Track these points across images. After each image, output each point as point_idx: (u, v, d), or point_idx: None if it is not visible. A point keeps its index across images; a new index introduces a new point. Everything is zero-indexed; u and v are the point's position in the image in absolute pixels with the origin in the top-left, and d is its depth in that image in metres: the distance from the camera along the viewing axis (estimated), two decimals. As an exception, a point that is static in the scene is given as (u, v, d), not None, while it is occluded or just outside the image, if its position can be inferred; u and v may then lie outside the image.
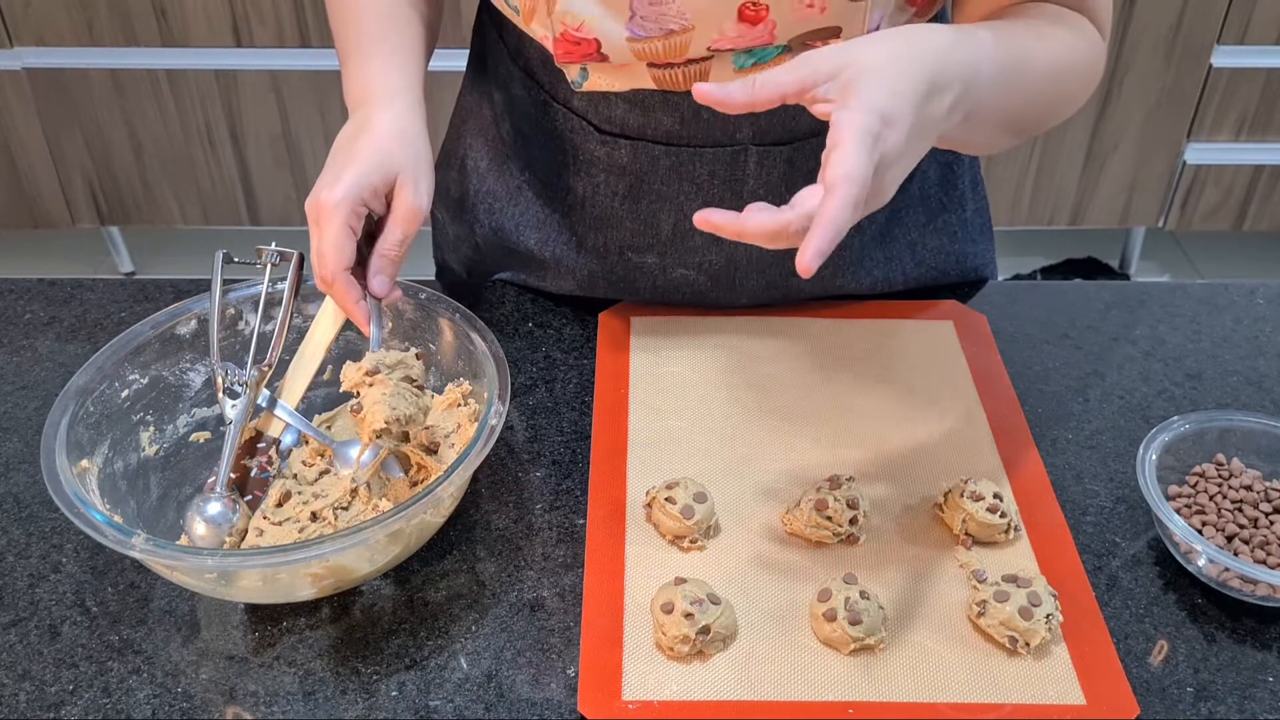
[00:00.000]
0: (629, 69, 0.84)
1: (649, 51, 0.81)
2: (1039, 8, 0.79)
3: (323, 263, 0.76)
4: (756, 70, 0.83)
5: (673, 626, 0.69)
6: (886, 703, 0.68)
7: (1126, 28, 2.13)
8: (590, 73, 0.85)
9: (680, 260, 0.95)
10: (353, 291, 0.77)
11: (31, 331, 0.97)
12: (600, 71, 0.85)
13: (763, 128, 0.88)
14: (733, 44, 0.80)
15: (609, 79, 0.85)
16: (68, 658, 0.71)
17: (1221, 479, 0.80)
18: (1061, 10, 0.79)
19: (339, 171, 0.77)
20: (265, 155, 2.29)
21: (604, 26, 0.80)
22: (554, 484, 0.83)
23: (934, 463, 0.84)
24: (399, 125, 0.80)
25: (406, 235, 0.79)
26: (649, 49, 0.81)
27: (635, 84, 0.85)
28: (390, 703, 0.69)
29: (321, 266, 0.76)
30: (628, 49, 0.81)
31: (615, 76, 0.85)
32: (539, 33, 0.84)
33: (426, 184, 0.80)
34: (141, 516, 0.77)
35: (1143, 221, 2.39)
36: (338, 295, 0.77)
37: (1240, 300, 1.02)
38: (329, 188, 0.76)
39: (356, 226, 0.77)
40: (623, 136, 0.90)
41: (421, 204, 0.79)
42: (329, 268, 0.76)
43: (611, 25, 0.80)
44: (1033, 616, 0.69)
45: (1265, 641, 0.73)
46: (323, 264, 0.76)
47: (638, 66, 0.83)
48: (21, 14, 2.12)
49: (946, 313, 0.99)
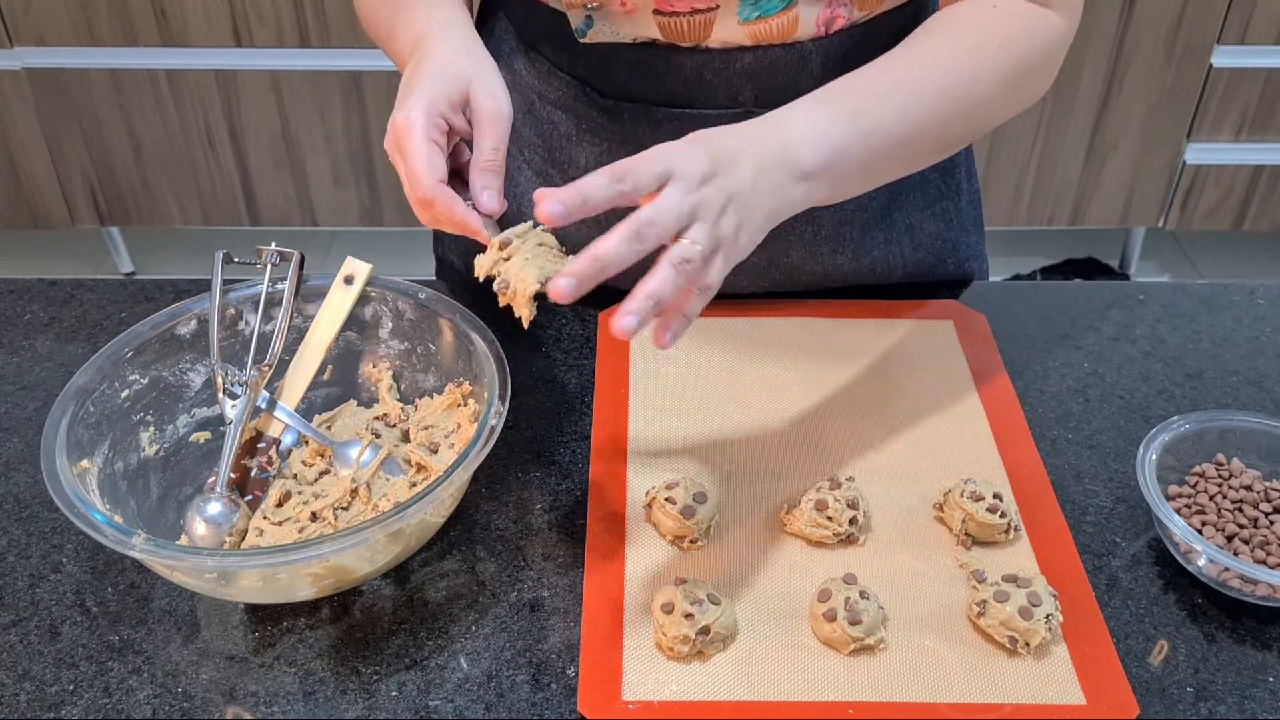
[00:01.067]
0: (635, 15, 0.84)
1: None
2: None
3: (415, 182, 0.71)
4: (760, 24, 0.84)
5: (673, 627, 0.69)
6: (886, 703, 0.67)
7: (1127, 27, 2.12)
8: (595, 20, 0.85)
9: None
10: (456, 203, 0.71)
11: (31, 332, 0.97)
12: (605, 18, 0.85)
13: (764, 89, 0.88)
14: None
15: (614, 26, 0.85)
16: (68, 658, 0.71)
17: (1221, 479, 0.80)
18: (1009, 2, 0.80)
19: (405, 95, 0.73)
20: (265, 155, 2.29)
21: None
22: (554, 484, 0.83)
23: (934, 463, 0.84)
24: (458, 43, 0.77)
25: (499, 140, 0.74)
26: None
27: (640, 32, 0.85)
28: (390, 703, 0.69)
29: (414, 187, 0.71)
30: None
31: (620, 23, 0.85)
32: None
33: (501, 87, 0.75)
34: (141, 516, 0.77)
35: (1143, 221, 2.39)
36: (440, 210, 0.71)
37: (1240, 300, 1.02)
38: (400, 110, 0.72)
39: (440, 141, 0.73)
40: (625, 99, 0.90)
41: (503, 106, 0.74)
42: (422, 184, 0.70)
43: None
44: (1033, 616, 0.69)
45: (1265, 641, 0.73)
46: (415, 183, 0.71)
47: (643, 12, 0.83)
48: (21, 14, 2.12)
49: (946, 313, 0.99)
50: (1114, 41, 2.14)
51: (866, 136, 0.74)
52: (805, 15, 0.85)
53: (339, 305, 0.83)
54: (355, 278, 0.83)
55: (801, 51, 0.87)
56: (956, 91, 0.78)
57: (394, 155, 0.74)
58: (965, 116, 0.80)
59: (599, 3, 0.83)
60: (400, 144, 0.72)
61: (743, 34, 0.85)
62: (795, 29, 0.85)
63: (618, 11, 0.84)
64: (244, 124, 2.25)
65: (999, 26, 0.80)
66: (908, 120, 0.76)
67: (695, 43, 0.86)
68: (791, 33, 0.86)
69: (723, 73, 0.87)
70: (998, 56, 0.79)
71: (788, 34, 0.86)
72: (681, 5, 0.83)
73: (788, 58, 0.87)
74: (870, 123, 0.74)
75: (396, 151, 0.73)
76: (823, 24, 0.86)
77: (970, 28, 0.79)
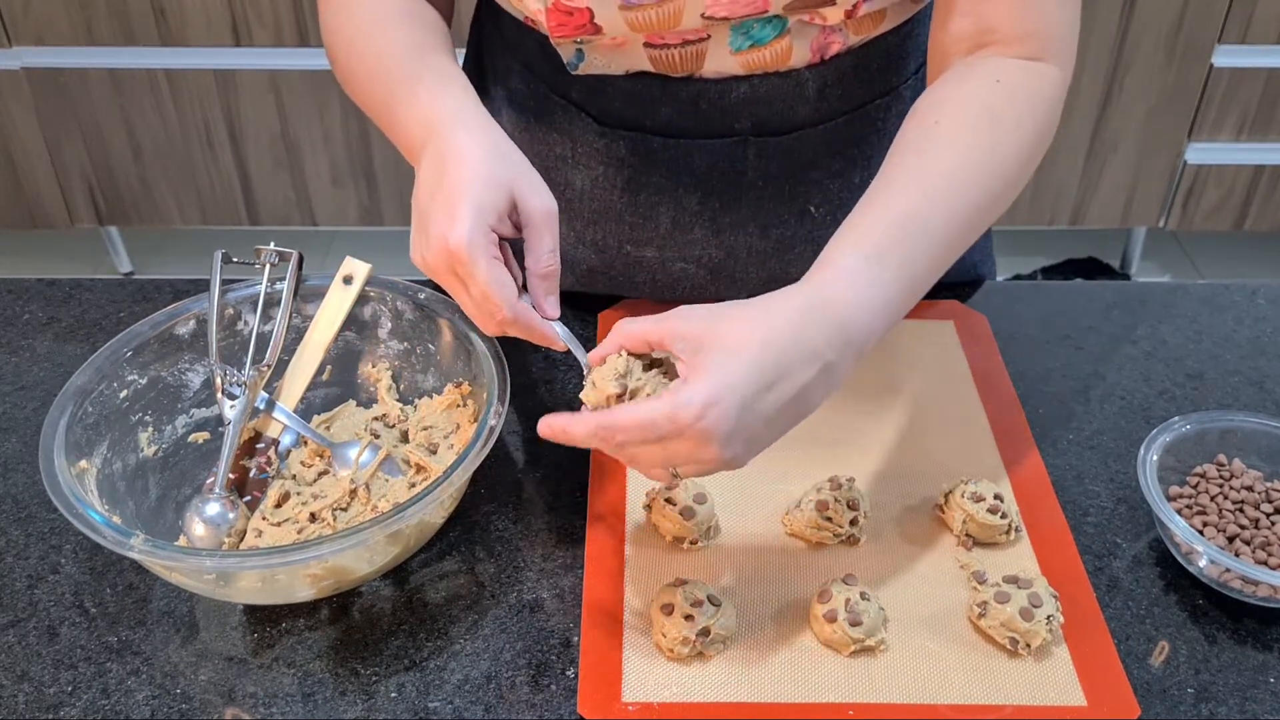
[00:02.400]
0: (625, 49, 0.83)
1: (642, 21, 0.80)
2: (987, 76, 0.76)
3: (490, 306, 0.68)
4: (753, 53, 0.83)
5: (673, 628, 0.69)
6: (887, 704, 0.67)
7: (1127, 27, 2.12)
8: (586, 54, 0.84)
9: (679, 254, 0.95)
10: (535, 318, 0.70)
11: (30, 332, 0.97)
12: (596, 51, 0.84)
13: (761, 118, 0.88)
14: (727, 10, 0.79)
15: (605, 59, 0.85)
16: (66, 659, 0.71)
17: (1223, 480, 0.80)
18: (1008, 69, 0.76)
19: (450, 209, 0.68)
20: (264, 155, 2.29)
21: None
22: (554, 485, 0.83)
23: (934, 463, 0.84)
24: (485, 141, 0.71)
25: (554, 241, 0.71)
26: (642, 18, 0.80)
27: (631, 65, 0.84)
28: (389, 704, 0.68)
29: (492, 309, 0.68)
30: (620, 18, 0.80)
31: (611, 57, 0.84)
32: (532, 7, 0.82)
33: (541, 182, 0.72)
34: (140, 517, 0.77)
35: (1144, 221, 2.39)
36: (523, 330, 0.70)
37: (1241, 300, 1.02)
38: (449, 229, 0.67)
39: (499, 255, 0.69)
40: (621, 128, 0.90)
41: (551, 204, 0.71)
42: (504, 308, 0.68)
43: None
44: (1033, 617, 0.69)
45: (1266, 642, 0.73)
46: (491, 307, 0.68)
47: (634, 45, 0.83)
48: (20, 14, 2.12)
49: (946, 313, 0.98)
50: (1115, 41, 2.14)
51: (913, 283, 0.69)
52: (798, 43, 0.84)
53: (338, 305, 0.83)
54: (354, 277, 0.83)
55: (798, 79, 0.86)
56: (987, 203, 0.73)
57: (446, 277, 0.70)
58: (995, 209, 0.75)
59: (588, 38, 0.82)
60: (462, 270, 0.68)
61: (735, 64, 0.84)
62: (789, 57, 0.85)
63: (608, 45, 0.83)
64: (243, 124, 2.25)
65: (1007, 111, 0.75)
66: (948, 247, 0.71)
67: (688, 73, 0.85)
68: (785, 60, 0.85)
69: (718, 102, 0.87)
70: (1016, 141, 0.75)
71: (782, 62, 0.85)
72: (672, 38, 0.82)
73: (784, 86, 0.86)
74: (915, 269, 0.69)
75: (451, 274, 0.69)
76: (817, 51, 0.85)
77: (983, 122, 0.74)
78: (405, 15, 0.82)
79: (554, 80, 0.90)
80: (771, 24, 0.82)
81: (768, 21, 0.82)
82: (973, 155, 0.72)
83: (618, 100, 0.88)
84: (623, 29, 0.81)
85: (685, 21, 0.80)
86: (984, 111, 0.74)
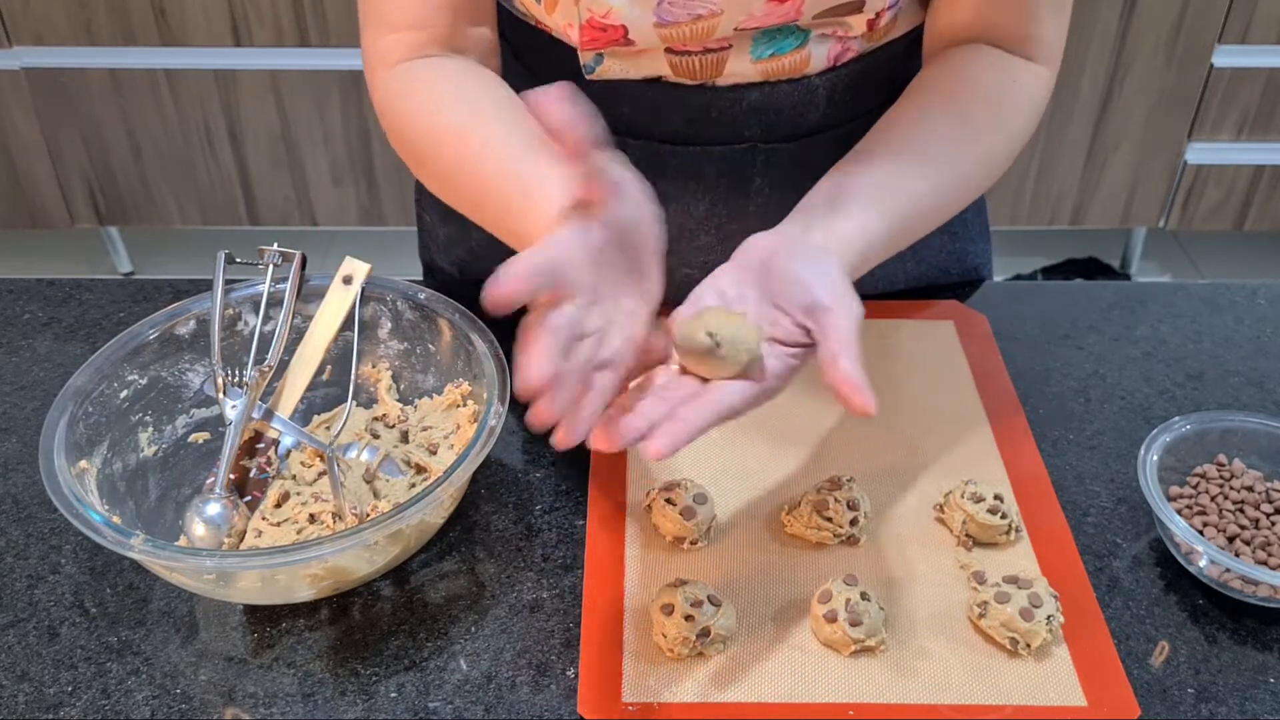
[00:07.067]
0: (647, 55, 0.83)
1: (675, 36, 0.80)
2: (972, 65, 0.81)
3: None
4: (773, 61, 0.84)
5: (673, 628, 0.69)
6: (887, 704, 0.67)
7: (1127, 28, 2.12)
8: (605, 57, 0.85)
9: (684, 260, 0.94)
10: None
11: (30, 332, 0.97)
12: (615, 58, 0.84)
13: (770, 124, 0.88)
14: (759, 22, 0.80)
15: (623, 65, 0.85)
16: (66, 659, 0.71)
17: (1223, 480, 0.80)
18: (994, 61, 0.81)
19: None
20: (264, 155, 2.29)
21: (631, 13, 0.79)
22: (553, 485, 0.83)
23: (934, 463, 0.84)
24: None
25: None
26: (675, 34, 0.80)
27: (649, 71, 0.85)
28: (389, 704, 0.68)
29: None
30: (654, 34, 0.80)
31: (630, 63, 0.84)
32: (560, 22, 0.83)
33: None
34: (140, 517, 0.77)
35: (1144, 221, 2.39)
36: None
37: (1242, 300, 1.02)
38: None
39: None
40: (629, 135, 0.90)
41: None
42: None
43: (640, 12, 0.79)
44: (1033, 618, 0.69)
45: (1266, 643, 0.73)
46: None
47: (655, 52, 0.83)
48: (20, 13, 2.12)
49: (946, 313, 0.98)
50: (1115, 41, 2.14)
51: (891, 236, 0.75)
52: (816, 51, 0.84)
53: (338, 305, 0.83)
54: (354, 277, 0.83)
55: (809, 86, 0.87)
56: (960, 184, 0.79)
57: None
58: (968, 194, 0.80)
59: (617, 49, 0.83)
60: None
61: (754, 71, 0.85)
62: (807, 64, 0.85)
63: (629, 50, 0.83)
64: (243, 124, 2.25)
65: (1000, 98, 0.80)
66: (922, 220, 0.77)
67: (705, 80, 0.86)
68: (803, 68, 0.85)
69: (729, 110, 0.87)
70: (1002, 129, 0.80)
71: (799, 69, 0.85)
72: (694, 45, 0.82)
73: (795, 92, 0.87)
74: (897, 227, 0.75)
75: None
76: (833, 58, 0.86)
77: (975, 106, 0.80)
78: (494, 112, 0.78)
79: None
80: (795, 34, 0.82)
81: (792, 31, 0.82)
82: (960, 132, 0.78)
83: (628, 106, 0.88)
84: (655, 43, 0.81)
85: (719, 34, 0.81)
86: (976, 96, 0.79)
